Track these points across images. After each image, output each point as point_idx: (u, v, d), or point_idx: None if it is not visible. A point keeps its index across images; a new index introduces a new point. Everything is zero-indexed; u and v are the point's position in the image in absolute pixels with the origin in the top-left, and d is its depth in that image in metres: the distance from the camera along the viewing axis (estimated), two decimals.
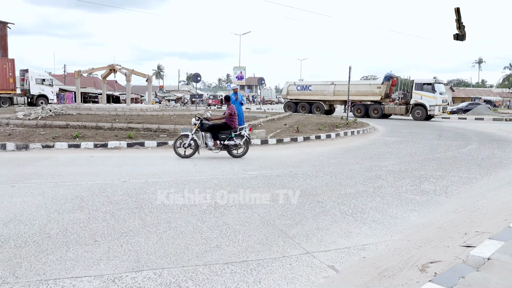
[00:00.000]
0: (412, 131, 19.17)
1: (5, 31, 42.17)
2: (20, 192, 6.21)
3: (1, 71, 32.23)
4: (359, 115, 29.27)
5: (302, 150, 11.92)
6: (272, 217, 5.29)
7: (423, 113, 27.52)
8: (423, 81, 27.90)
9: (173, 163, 9.20)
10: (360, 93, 29.88)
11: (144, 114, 22.07)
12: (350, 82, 22.91)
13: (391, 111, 29.33)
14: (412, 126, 22.54)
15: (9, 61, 32.95)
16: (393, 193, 6.75)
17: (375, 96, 29.63)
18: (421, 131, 19.26)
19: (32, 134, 12.55)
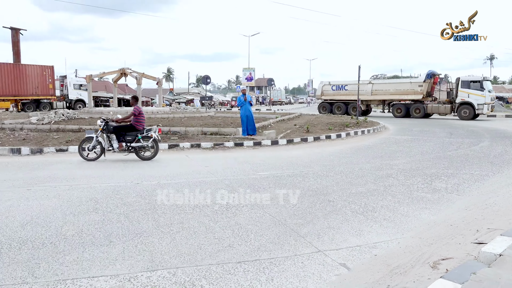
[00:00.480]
0: (423, 129, 19.06)
1: (18, 38, 42.76)
2: (36, 195, 6.34)
3: (41, 77, 33.83)
4: (399, 115, 28.47)
5: (312, 150, 11.94)
6: (283, 216, 5.34)
7: (470, 112, 26.07)
8: (470, 79, 26.38)
9: (184, 164, 9.29)
10: (400, 92, 28.94)
11: (155, 116, 22.26)
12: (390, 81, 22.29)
13: (435, 111, 27.79)
14: (423, 124, 22.41)
15: (48, 68, 34.29)
16: (404, 192, 6.76)
17: (416, 95, 28.35)
18: (432, 129, 19.14)
19: (46, 138, 12.75)
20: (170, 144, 11.91)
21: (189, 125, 16.51)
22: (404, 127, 20.55)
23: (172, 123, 17.87)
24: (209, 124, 17.51)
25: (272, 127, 17.70)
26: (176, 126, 16.06)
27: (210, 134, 14.38)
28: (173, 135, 13.91)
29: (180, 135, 14.07)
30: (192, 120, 20.27)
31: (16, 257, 3.98)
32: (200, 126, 16.30)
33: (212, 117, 24.38)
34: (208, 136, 13.90)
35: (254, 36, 58.23)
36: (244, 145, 12.41)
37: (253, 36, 63.75)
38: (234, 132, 14.38)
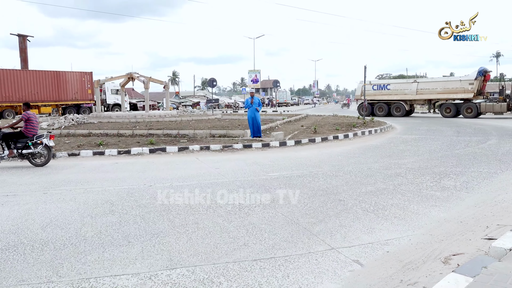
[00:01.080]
0: (430, 128, 19.08)
1: (25, 44, 43.22)
2: (53, 199, 6.50)
3: (80, 83, 36.05)
4: (448, 115, 27.36)
5: (320, 150, 12.04)
6: (295, 216, 5.45)
7: None
8: None
9: (195, 167, 9.43)
10: (448, 91, 27.65)
11: (163, 120, 22.44)
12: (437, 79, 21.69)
13: (489, 109, 26.19)
14: (430, 123, 22.42)
15: (87, 74, 36.45)
16: (413, 190, 6.84)
17: (466, 94, 26.90)
18: (439, 128, 19.16)
19: (57, 143, 12.94)
20: (180, 147, 12.06)
21: (197, 128, 16.66)
22: (411, 126, 20.58)
23: (181, 126, 18.02)
24: (217, 127, 17.66)
25: (280, 128, 17.81)
26: (184, 129, 16.22)
27: (218, 136, 14.52)
28: (182, 138, 14.06)
29: (189, 138, 14.22)
30: (200, 123, 20.43)
31: (39, 257, 4.13)
32: (208, 128, 16.45)
33: (219, 119, 24.52)
34: (216, 139, 14.04)
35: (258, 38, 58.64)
36: (252, 146, 12.53)
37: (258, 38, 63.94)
38: (242, 134, 14.51)
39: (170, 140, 13.69)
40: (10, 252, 4.28)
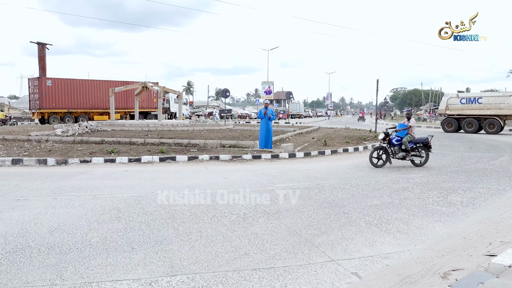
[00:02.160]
0: (442, 143, 18.94)
1: (44, 52, 44.12)
2: (62, 204, 6.64)
3: (148, 93, 38.78)
4: None
5: (329, 163, 12.05)
6: (298, 227, 5.49)
7: None
8: None
9: (203, 176, 9.52)
10: None
11: (175, 129, 22.68)
12: None
13: None
14: (442, 138, 22.24)
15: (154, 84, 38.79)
16: (419, 205, 6.83)
17: None
18: (451, 143, 19.01)
19: (70, 150, 13.19)
20: (190, 156, 12.19)
21: (208, 138, 16.80)
22: None
23: (192, 136, 18.20)
24: (228, 137, 17.78)
25: (290, 140, 17.86)
26: (195, 138, 16.37)
27: (228, 146, 14.62)
28: (193, 148, 14.20)
29: (200, 147, 14.36)
30: (211, 133, 20.59)
31: (45, 261, 4.24)
32: (218, 138, 16.58)
33: (230, 130, 24.68)
34: (226, 149, 14.14)
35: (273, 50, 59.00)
36: (261, 157, 12.60)
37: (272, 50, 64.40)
38: (252, 144, 14.59)
39: (180, 149, 13.83)
40: (17, 255, 4.40)
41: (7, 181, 8.68)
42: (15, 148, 13.43)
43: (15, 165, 11.02)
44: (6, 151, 12.70)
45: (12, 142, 15.55)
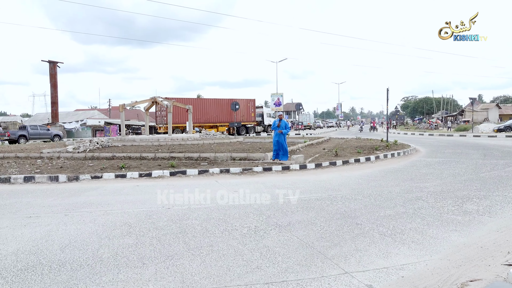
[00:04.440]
0: (455, 151, 18.73)
1: (55, 70, 44.84)
2: (73, 220, 6.66)
3: (246, 108, 46.53)
4: None
5: (341, 173, 11.97)
6: (310, 239, 5.43)
7: None
8: None
9: (214, 189, 9.51)
10: None
11: (185, 143, 22.75)
12: None
13: None
14: (455, 146, 22.00)
15: (251, 101, 47.17)
16: (433, 214, 6.72)
17: None
18: (465, 151, 18.78)
19: (81, 166, 13.29)
20: (200, 169, 12.20)
21: (218, 151, 16.81)
22: (436, 149, 20.24)
23: (202, 149, 18.23)
24: (238, 150, 17.77)
25: (301, 151, 17.79)
26: (205, 152, 16.40)
27: (239, 159, 14.61)
28: (203, 161, 14.22)
29: (210, 161, 14.36)
30: (221, 146, 20.60)
31: (56, 278, 4.24)
32: (229, 151, 16.58)
33: (241, 142, 24.68)
34: (237, 162, 14.13)
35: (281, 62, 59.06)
36: (272, 169, 12.56)
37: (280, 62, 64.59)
38: (263, 157, 14.56)
39: (191, 163, 13.86)
40: (29, 272, 4.41)
41: (19, 199, 8.76)
42: (27, 166, 13.58)
43: (27, 182, 11.13)
44: (19, 169, 12.84)
45: (25, 159, 15.73)
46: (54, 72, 44.53)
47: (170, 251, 5.03)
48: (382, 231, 5.79)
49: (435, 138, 32.72)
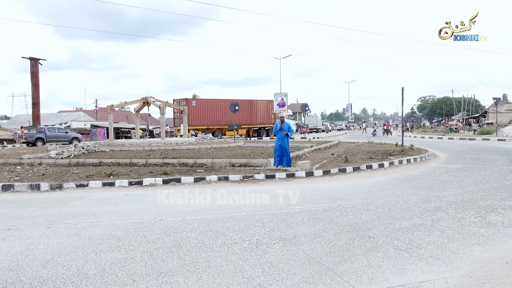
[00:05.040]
0: (478, 156, 18.73)
1: (37, 68, 45.03)
2: (56, 233, 6.67)
3: (266, 109, 49.10)
4: None
5: (351, 181, 11.98)
6: (318, 254, 5.43)
7: None
8: None
9: (211, 199, 9.52)
10: None
11: (179, 148, 22.79)
12: None
13: None
14: (478, 151, 22.01)
15: (270, 102, 49.96)
16: (454, 226, 6.72)
17: None
18: (488, 156, 18.78)
19: (65, 173, 13.31)
20: (196, 177, 12.21)
21: (216, 157, 16.84)
22: (456, 154, 20.24)
23: (198, 155, 18.27)
24: (238, 155, 17.81)
25: (307, 157, 17.81)
26: (202, 157, 16.43)
27: (238, 166, 14.63)
28: (199, 168, 14.23)
29: (207, 167, 14.38)
30: (220, 151, 20.65)
31: None
32: (228, 157, 16.61)
33: (240, 147, 24.72)
34: (236, 168, 14.14)
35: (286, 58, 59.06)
36: (276, 177, 12.57)
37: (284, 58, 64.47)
38: (265, 163, 14.58)
39: (186, 170, 13.88)
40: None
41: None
42: (6, 173, 13.61)
43: (5, 191, 11.15)
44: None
45: (3, 166, 15.77)
46: (36, 69, 44.71)
47: (163, 267, 5.03)
48: (397, 245, 5.78)
49: (455, 142, 32.75)
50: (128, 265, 5.13)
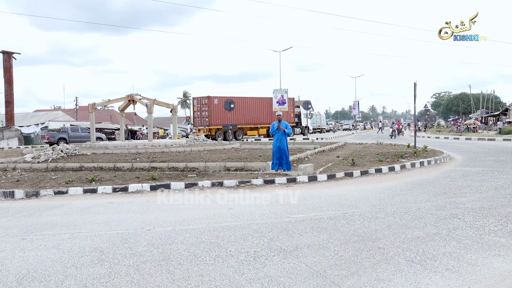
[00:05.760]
0: (498, 158, 18.80)
1: (10, 62, 44.97)
2: (33, 246, 6.66)
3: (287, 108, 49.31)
4: None
5: (358, 186, 12.00)
6: (322, 267, 5.44)
7: None
8: None
9: (204, 207, 9.54)
10: None
11: (169, 151, 22.81)
12: None
13: None
14: (498, 152, 22.08)
15: (290, 99, 51.14)
16: (472, 236, 6.74)
17: None
18: (510, 158, 18.84)
19: (42, 179, 13.31)
20: (187, 182, 12.21)
21: (209, 160, 16.86)
22: (475, 156, 20.31)
23: (190, 158, 18.28)
24: (233, 158, 17.82)
25: (310, 160, 17.84)
26: (194, 161, 16.44)
27: (234, 170, 14.65)
28: (191, 172, 14.24)
29: (199, 171, 14.39)
30: (213, 154, 20.66)
31: None
32: (222, 160, 16.62)
33: (236, 149, 24.76)
34: (232, 173, 14.16)
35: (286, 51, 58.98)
36: (275, 182, 12.59)
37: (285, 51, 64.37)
38: (264, 167, 14.60)
39: (176, 174, 13.89)
40: None
41: None
42: None
43: None
44: None
45: None
46: (9, 64, 44.66)
47: (150, 283, 5.03)
48: (409, 256, 5.79)
49: (473, 143, 32.86)
50: (112, 280, 5.13)
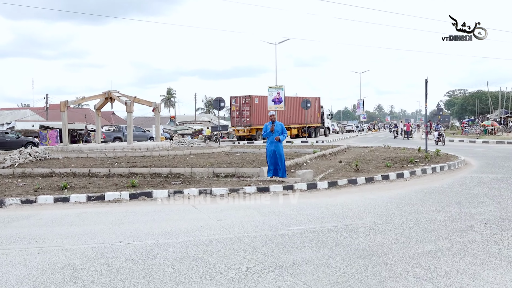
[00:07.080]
0: None
1: None
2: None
3: (313, 108, 53.51)
4: None
5: (363, 195, 12.04)
6: (322, 285, 5.45)
7: None
8: None
9: (190, 217, 9.53)
10: None
11: (151, 154, 22.77)
12: None
13: None
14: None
15: (317, 99, 55.88)
16: (489, 250, 6.77)
17: None
18: None
19: (7, 187, 13.24)
20: (172, 190, 12.19)
21: (196, 165, 16.84)
22: (492, 161, 20.41)
23: (174, 163, 18.26)
24: (223, 163, 17.81)
25: (309, 165, 17.87)
26: (179, 166, 16.42)
27: (224, 176, 14.65)
28: (175, 179, 14.23)
29: (185, 178, 14.38)
30: (201, 158, 20.65)
31: None
32: (211, 165, 16.61)
33: (227, 153, 24.76)
34: (222, 179, 14.16)
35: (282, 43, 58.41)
36: (270, 190, 12.59)
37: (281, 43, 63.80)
38: (257, 173, 14.61)
39: (158, 181, 13.87)
40: None
41: None
42: None
43: None
44: None
45: None
46: None
47: None
48: (419, 273, 5.81)
49: (491, 146, 33.01)
50: None
